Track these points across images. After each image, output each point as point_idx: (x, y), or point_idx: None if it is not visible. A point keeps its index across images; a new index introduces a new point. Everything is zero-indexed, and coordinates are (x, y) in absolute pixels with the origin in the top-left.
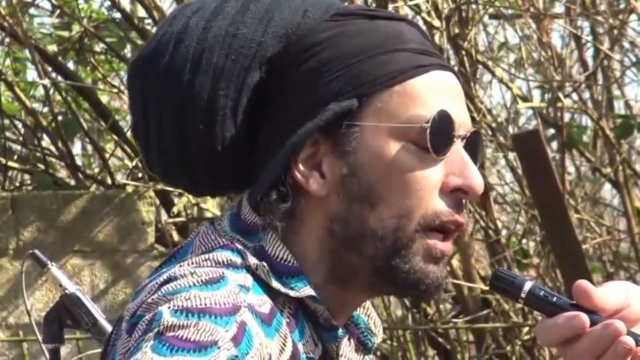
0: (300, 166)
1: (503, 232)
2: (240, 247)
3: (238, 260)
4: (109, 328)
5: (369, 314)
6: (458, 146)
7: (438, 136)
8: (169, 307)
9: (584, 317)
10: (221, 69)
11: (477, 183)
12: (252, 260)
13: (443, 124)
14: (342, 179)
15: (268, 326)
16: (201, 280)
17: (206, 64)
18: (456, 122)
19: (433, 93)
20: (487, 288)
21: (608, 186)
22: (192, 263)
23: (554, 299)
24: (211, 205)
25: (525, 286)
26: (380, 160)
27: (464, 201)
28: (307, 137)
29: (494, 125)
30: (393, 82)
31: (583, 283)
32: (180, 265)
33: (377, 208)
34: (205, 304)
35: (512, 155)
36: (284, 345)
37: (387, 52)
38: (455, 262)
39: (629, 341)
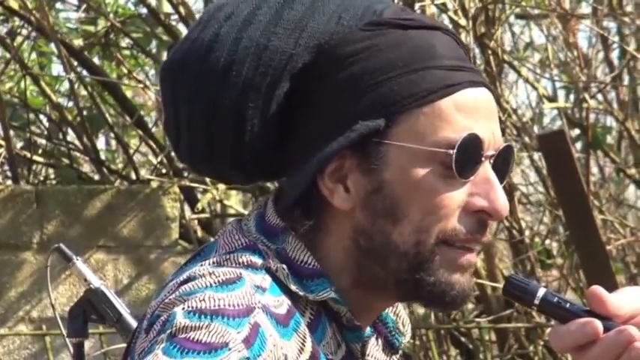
0: (326, 180)
1: (527, 232)
2: (262, 248)
3: (259, 261)
4: (133, 323)
5: (398, 313)
6: (485, 167)
7: (464, 160)
8: (183, 309)
9: (598, 323)
10: (250, 81)
11: (501, 206)
12: (273, 262)
13: (470, 148)
14: (366, 195)
15: (284, 327)
16: (218, 281)
17: (235, 76)
18: (485, 143)
19: (462, 113)
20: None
21: (632, 187)
22: (214, 263)
23: (568, 305)
24: (234, 202)
25: (539, 293)
26: (405, 179)
27: (489, 223)
28: (333, 155)
29: (519, 125)
30: (421, 102)
31: (597, 289)
32: (202, 265)
33: (399, 224)
34: (219, 306)
35: (536, 155)
36: (303, 345)
37: (417, 69)
38: (478, 262)
39: None
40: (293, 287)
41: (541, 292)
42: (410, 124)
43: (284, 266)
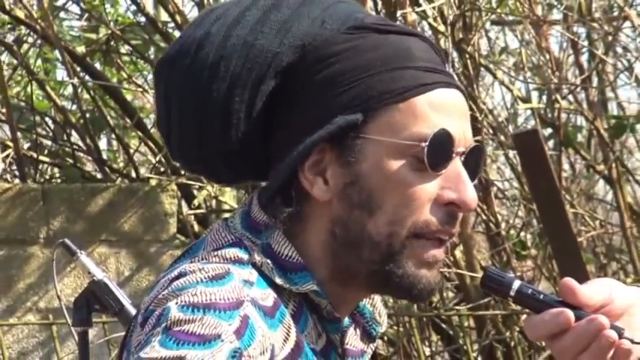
0: (306, 172)
1: (503, 225)
2: (248, 244)
3: (245, 256)
4: (134, 312)
5: (375, 304)
6: (456, 162)
7: (436, 153)
8: (177, 303)
9: (569, 313)
10: (237, 76)
11: (470, 198)
12: (258, 257)
13: (442, 142)
14: (344, 187)
15: (271, 318)
16: (208, 276)
17: (224, 70)
18: (456, 139)
19: (436, 111)
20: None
21: (601, 182)
22: (202, 259)
23: (541, 296)
24: (228, 198)
25: (514, 285)
26: (380, 171)
27: (458, 214)
28: (312, 147)
29: (494, 125)
30: (398, 99)
31: (569, 281)
32: (191, 261)
33: (374, 216)
34: (210, 300)
35: (511, 153)
36: (288, 335)
37: (394, 69)
38: (458, 253)
39: (612, 334)
40: (278, 280)
41: (516, 284)
42: (386, 119)
43: (269, 261)
